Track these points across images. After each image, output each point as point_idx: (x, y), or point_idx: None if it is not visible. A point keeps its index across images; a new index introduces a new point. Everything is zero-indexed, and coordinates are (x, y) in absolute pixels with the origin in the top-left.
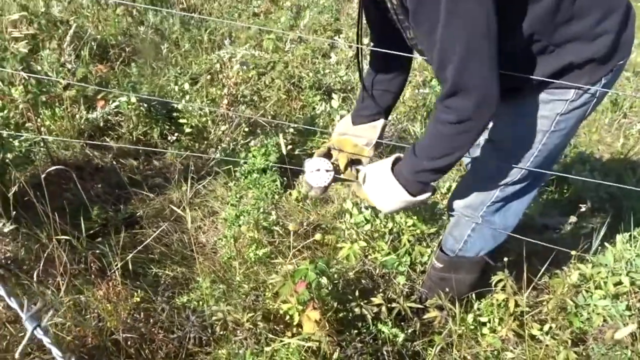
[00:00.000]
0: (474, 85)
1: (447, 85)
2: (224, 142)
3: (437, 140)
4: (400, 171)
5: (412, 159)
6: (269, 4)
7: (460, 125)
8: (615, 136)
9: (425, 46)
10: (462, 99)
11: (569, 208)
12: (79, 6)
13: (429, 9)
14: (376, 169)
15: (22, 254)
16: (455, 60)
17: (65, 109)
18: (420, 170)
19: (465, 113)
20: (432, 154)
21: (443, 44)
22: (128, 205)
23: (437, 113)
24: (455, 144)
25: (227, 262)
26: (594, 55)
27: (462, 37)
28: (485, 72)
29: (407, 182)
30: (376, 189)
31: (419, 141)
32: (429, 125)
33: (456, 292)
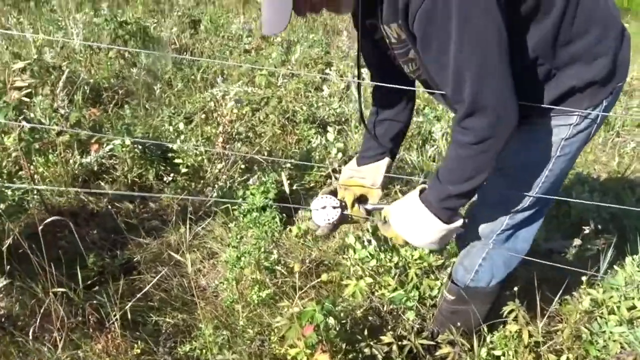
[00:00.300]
0: (491, 103)
1: (463, 106)
2: (220, 180)
3: (459, 163)
4: (428, 201)
5: (437, 186)
6: (259, 41)
7: (479, 146)
8: (610, 155)
9: (435, 69)
10: (480, 119)
11: (572, 231)
12: (72, 51)
13: (438, 31)
14: (404, 203)
15: (17, 310)
16: (470, 80)
17: (58, 155)
18: (446, 196)
19: (483, 132)
20: (456, 179)
21: (457, 65)
22: (125, 251)
23: (455, 136)
24: (476, 165)
25: (229, 306)
26: (594, 78)
27: (476, 56)
28: (502, 89)
29: (436, 211)
30: (408, 223)
31: (442, 168)
32: (449, 150)
33: (469, 325)
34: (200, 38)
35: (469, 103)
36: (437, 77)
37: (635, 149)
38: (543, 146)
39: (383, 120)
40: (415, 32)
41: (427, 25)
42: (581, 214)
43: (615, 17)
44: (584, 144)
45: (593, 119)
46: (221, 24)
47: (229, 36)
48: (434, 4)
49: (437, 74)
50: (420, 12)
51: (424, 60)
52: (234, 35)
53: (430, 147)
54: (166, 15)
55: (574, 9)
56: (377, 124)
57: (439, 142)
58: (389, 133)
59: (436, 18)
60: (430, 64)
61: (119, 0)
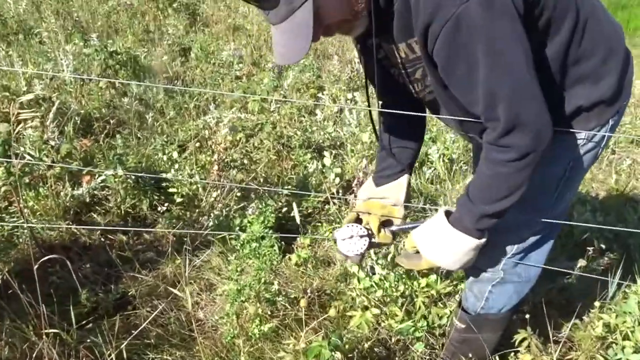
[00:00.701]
0: (530, 118)
1: (499, 124)
2: (216, 209)
3: (497, 181)
4: (460, 224)
5: (469, 208)
6: (250, 67)
7: (521, 162)
8: (607, 173)
9: (462, 91)
10: (521, 135)
11: (575, 251)
12: (62, 82)
13: (465, 53)
14: (432, 230)
15: (7, 353)
16: (506, 98)
17: (49, 187)
18: (482, 216)
19: (526, 148)
20: (493, 198)
21: (489, 85)
22: (119, 285)
23: (491, 154)
24: (517, 181)
25: (230, 341)
26: (601, 97)
27: (509, 74)
28: (537, 103)
29: (469, 232)
30: (439, 248)
31: (472, 189)
32: (481, 170)
33: (480, 354)
34: (191, 66)
35: (507, 121)
36: (464, 98)
37: (632, 166)
38: (552, 168)
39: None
40: (436, 54)
41: (451, 48)
42: (584, 234)
43: (620, 38)
44: (591, 163)
45: (601, 139)
46: (211, 51)
47: (220, 63)
48: (457, 26)
49: (464, 95)
50: (443, 34)
51: (448, 83)
52: (224, 62)
53: (427, 169)
54: (156, 44)
55: (582, 28)
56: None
57: (436, 164)
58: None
59: (461, 40)
60: (455, 86)
61: (109, 31)
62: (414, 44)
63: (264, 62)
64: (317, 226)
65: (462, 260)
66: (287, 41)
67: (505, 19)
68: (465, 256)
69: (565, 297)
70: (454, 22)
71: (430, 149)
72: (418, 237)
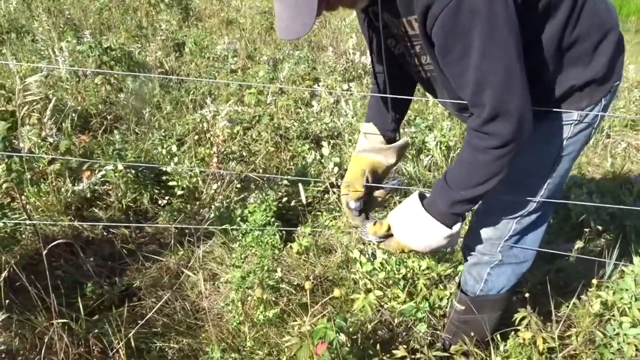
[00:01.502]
0: (515, 107)
1: (484, 110)
2: (217, 200)
3: (476, 168)
4: (434, 207)
5: (446, 192)
6: (245, 60)
7: (501, 150)
8: (602, 156)
9: (454, 73)
10: (504, 123)
11: (573, 234)
12: (57, 79)
13: (462, 36)
14: (405, 213)
15: (17, 344)
16: (494, 85)
17: (50, 184)
18: (458, 201)
19: (508, 136)
20: (470, 183)
21: (480, 71)
22: (124, 277)
23: (473, 140)
24: (495, 168)
25: (235, 327)
26: (593, 77)
27: (501, 63)
28: (523, 94)
29: (443, 216)
30: (413, 232)
31: (450, 173)
32: (462, 155)
33: (481, 334)
34: (185, 60)
35: (492, 108)
36: (454, 81)
37: (627, 149)
38: (546, 148)
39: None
40: (434, 35)
41: (449, 30)
42: (580, 216)
43: (613, 19)
44: (585, 143)
45: (593, 118)
46: (205, 46)
47: (215, 57)
48: (457, 10)
49: (454, 77)
50: (442, 16)
51: (442, 64)
52: (219, 56)
53: (425, 156)
54: (150, 39)
55: (579, 11)
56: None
57: (434, 152)
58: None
59: (459, 24)
60: (448, 67)
61: (101, 27)
62: (413, 21)
63: (259, 55)
64: (318, 215)
65: (431, 245)
66: (291, 15)
67: (503, 8)
68: (435, 242)
69: (564, 278)
70: (454, 6)
71: (428, 137)
72: (393, 220)
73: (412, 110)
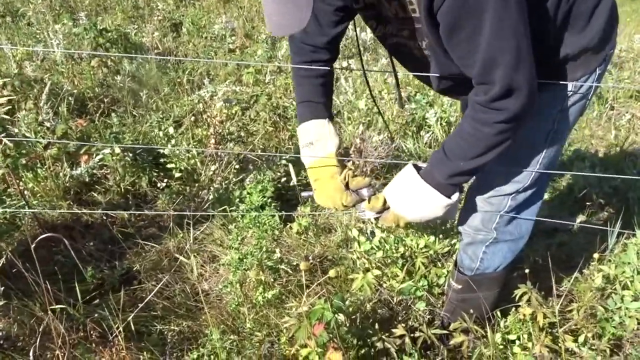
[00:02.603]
0: (526, 83)
1: (493, 87)
2: (215, 182)
3: (478, 140)
4: (432, 177)
5: (444, 163)
6: (243, 39)
7: (508, 125)
8: (606, 129)
9: (461, 53)
10: (516, 98)
11: (575, 207)
12: (53, 63)
13: (471, 18)
14: (401, 184)
15: (15, 330)
16: (505, 63)
17: (47, 169)
18: (456, 172)
19: (516, 112)
20: (471, 154)
21: (491, 51)
22: (123, 261)
23: (477, 114)
24: (497, 142)
25: (235, 309)
26: (588, 45)
27: (512, 39)
28: (531, 70)
29: (441, 187)
30: (406, 199)
31: (449, 145)
32: (462, 127)
33: (479, 311)
34: (182, 41)
35: (503, 85)
36: (461, 60)
37: (631, 120)
38: (539, 120)
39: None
40: (442, 14)
41: (459, 11)
42: (583, 189)
43: None
44: (580, 114)
45: (588, 88)
46: (203, 25)
47: (212, 37)
48: None
49: (462, 57)
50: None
51: (448, 44)
52: (217, 36)
53: (425, 133)
54: (146, 20)
55: None
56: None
57: (434, 128)
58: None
59: (471, 4)
60: (454, 48)
61: (97, 9)
62: (407, 4)
63: (257, 33)
64: None
65: (427, 215)
66: (287, 11)
67: None
68: (432, 212)
69: (565, 252)
70: None
71: (428, 113)
72: (389, 192)
73: (413, 87)
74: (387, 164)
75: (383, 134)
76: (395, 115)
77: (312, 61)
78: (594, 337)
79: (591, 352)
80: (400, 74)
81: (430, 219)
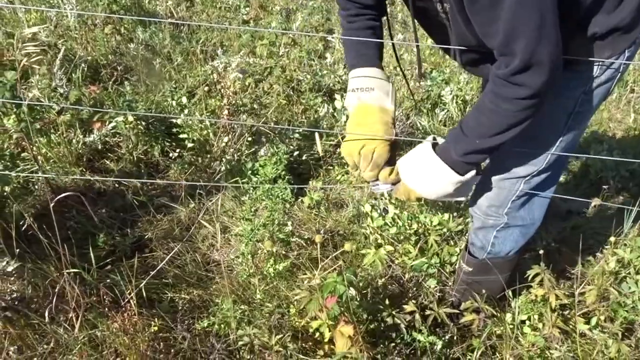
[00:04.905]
0: (548, 59)
1: (514, 60)
2: (228, 153)
3: (498, 116)
4: (447, 154)
5: (461, 140)
6: (257, 10)
7: (529, 101)
8: (625, 112)
9: (482, 21)
10: (537, 73)
11: (591, 190)
12: (66, 29)
13: None
14: (415, 157)
15: (30, 292)
16: (528, 35)
17: (61, 135)
18: (472, 150)
19: (539, 87)
20: (489, 132)
21: (514, 19)
22: (135, 229)
23: (499, 89)
24: (517, 120)
25: (245, 280)
26: (618, 24)
27: (536, 11)
28: (556, 45)
29: (455, 164)
30: (422, 176)
31: (467, 121)
32: (482, 103)
33: (490, 293)
34: (196, 10)
35: (524, 58)
36: (481, 29)
37: None
38: (561, 101)
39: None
40: None
41: None
42: (599, 172)
43: None
44: (603, 98)
45: (615, 71)
46: None
47: (226, 7)
48: None
49: (482, 25)
50: None
51: (470, 11)
52: (231, 7)
53: (440, 110)
54: None
55: None
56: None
57: (449, 106)
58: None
59: None
60: (476, 15)
61: None
62: None
63: (272, 5)
64: (329, 169)
65: (438, 191)
66: None
67: None
68: (442, 188)
69: (579, 235)
70: None
71: (444, 90)
72: (402, 163)
73: (429, 64)
74: (400, 139)
75: (398, 110)
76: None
77: (358, 15)
78: (605, 320)
79: (603, 335)
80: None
81: (441, 195)
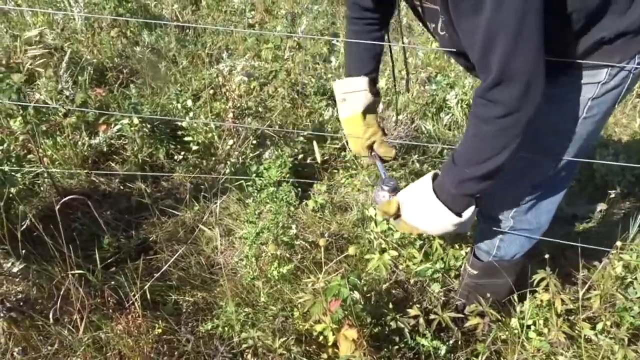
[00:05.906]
0: (523, 71)
1: (490, 74)
2: (232, 156)
3: (481, 141)
4: (442, 187)
5: (453, 170)
6: (263, 14)
7: (506, 119)
8: (630, 117)
9: (465, 30)
10: (509, 88)
11: (596, 195)
12: (73, 32)
13: None
14: (415, 192)
15: (34, 293)
16: (503, 45)
17: (66, 137)
18: (465, 179)
19: (512, 104)
20: (476, 159)
21: (490, 27)
22: (140, 231)
23: (477, 110)
24: (501, 141)
25: (249, 282)
26: (627, 28)
27: (514, 19)
28: (535, 55)
29: (452, 198)
30: (418, 213)
31: (458, 150)
32: (468, 129)
33: (495, 297)
34: (202, 14)
35: (498, 71)
36: (464, 39)
37: None
38: (567, 107)
39: None
40: None
41: None
42: (605, 177)
43: None
44: (613, 104)
45: (625, 76)
46: None
47: (232, 11)
48: None
49: (465, 37)
50: None
51: (456, 24)
52: (236, 10)
53: (445, 115)
54: None
55: None
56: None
57: (454, 110)
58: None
59: None
60: (459, 26)
61: None
62: None
63: (277, 9)
64: (334, 173)
65: (438, 230)
66: None
67: None
68: (442, 228)
69: (584, 240)
70: None
71: (449, 95)
72: (402, 198)
73: (434, 67)
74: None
75: (402, 114)
76: (415, 96)
77: (361, 18)
78: (611, 326)
79: (609, 340)
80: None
81: (442, 233)
